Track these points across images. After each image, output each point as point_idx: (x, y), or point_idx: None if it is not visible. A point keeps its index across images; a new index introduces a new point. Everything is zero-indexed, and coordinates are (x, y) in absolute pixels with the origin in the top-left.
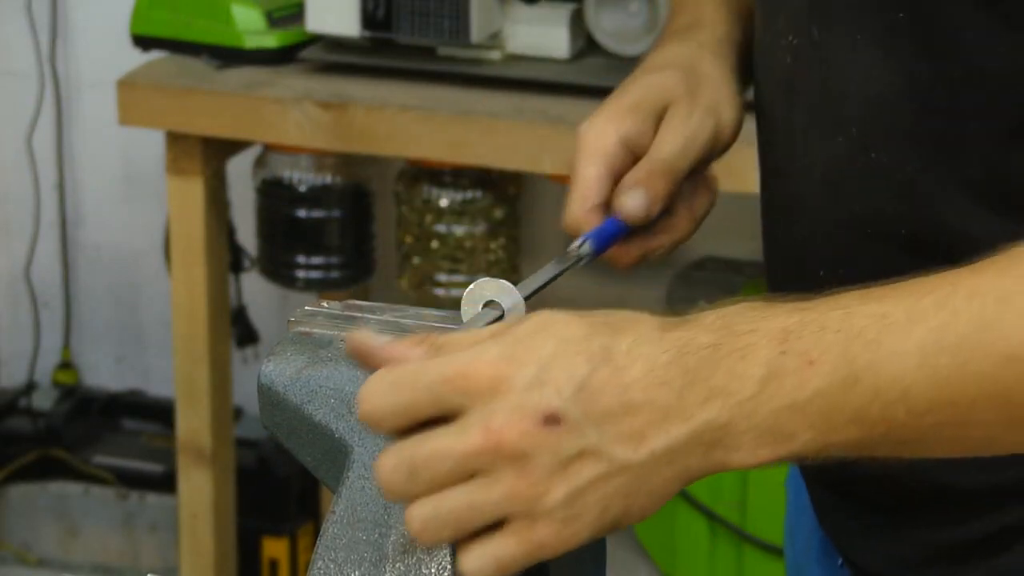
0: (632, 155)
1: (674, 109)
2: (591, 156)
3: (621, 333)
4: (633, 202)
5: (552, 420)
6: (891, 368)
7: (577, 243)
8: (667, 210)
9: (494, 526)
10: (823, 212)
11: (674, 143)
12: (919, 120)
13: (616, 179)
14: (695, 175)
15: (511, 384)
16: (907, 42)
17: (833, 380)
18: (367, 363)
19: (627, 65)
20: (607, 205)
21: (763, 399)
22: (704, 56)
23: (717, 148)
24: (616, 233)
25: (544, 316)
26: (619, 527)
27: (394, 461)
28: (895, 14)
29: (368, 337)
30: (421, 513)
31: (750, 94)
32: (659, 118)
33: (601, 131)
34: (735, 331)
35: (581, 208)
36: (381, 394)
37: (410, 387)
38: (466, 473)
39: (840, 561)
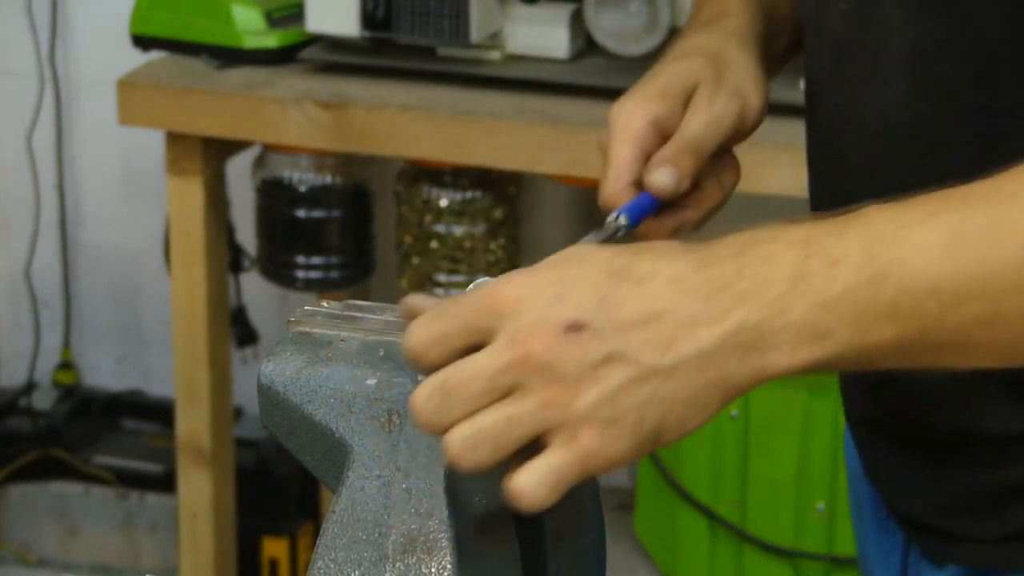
0: (661, 136)
1: (701, 92)
2: (623, 137)
3: (642, 253)
4: (663, 177)
5: (575, 327)
6: (916, 262)
7: (613, 216)
8: (697, 186)
9: (537, 450)
10: (873, 170)
11: (700, 123)
12: (958, 73)
13: (647, 158)
14: (721, 154)
15: (535, 301)
16: (935, 6)
17: (860, 277)
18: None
19: (627, 65)
20: (639, 184)
21: (793, 297)
22: (730, 43)
23: (743, 130)
24: (648, 207)
25: (570, 248)
26: (663, 440)
27: (428, 390)
28: None
29: (419, 299)
30: (459, 434)
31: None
32: (687, 101)
33: (631, 113)
34: (757, 241)
35: (615, 185)
36: (420, 327)
37: (444, 317)
38: (499, 391)
39: (887, 512)
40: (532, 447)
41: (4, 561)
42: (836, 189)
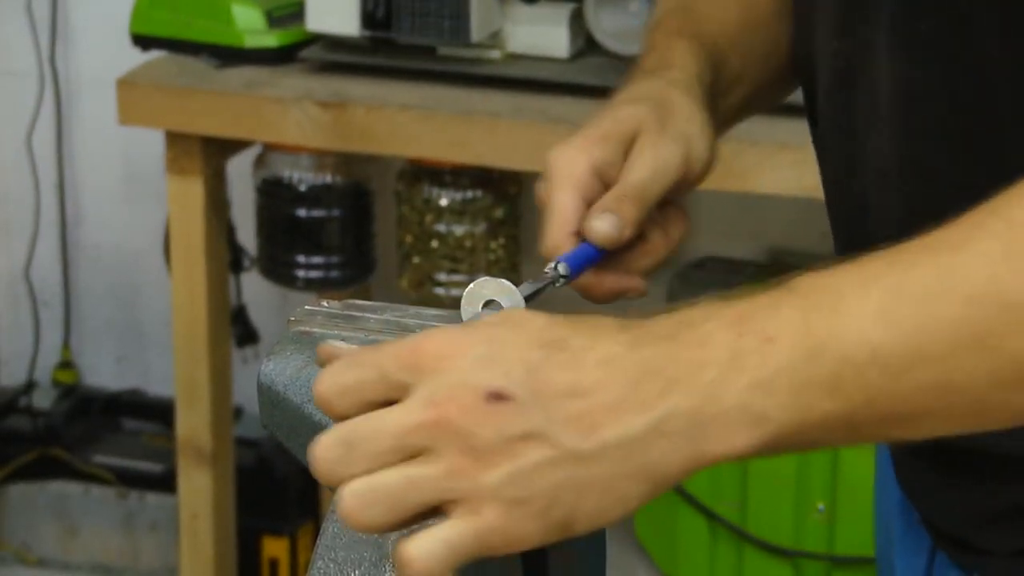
0: (602, 183)
1: (644, 138)
2: (564, 184)
3: (579, 327)
4: (604, 225)
5: (497, 397)
6: (854, 330)
7: (552, 265)
8: (641, 236)
9: (435, 518)
10: (883, 210)
11: (644, 170)
12: (951, 116)
13: (589, 206)
14: (668, 204)
15: (459, 361)
16: (935, 45)
17: (796, 353)
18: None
19: (627, 65)
20: (581, 233)
21: (727, 382)
22: (675, 91)
23: (689, 179)
24: (590, 257)
25: (510, 311)
26: (573, 528)
27: (330, 439)
28: (923, 22)
29: (336, 344)
30: (354, 488)
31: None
32: (629, 147)
33: (572, 159)
34: (691, 323)
35: (558, 235)
36: (333, 373)
37: (360, 366)
38: (406, 451)
39: (917, 518)
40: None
41: (4, 561)
42: (853, 230)
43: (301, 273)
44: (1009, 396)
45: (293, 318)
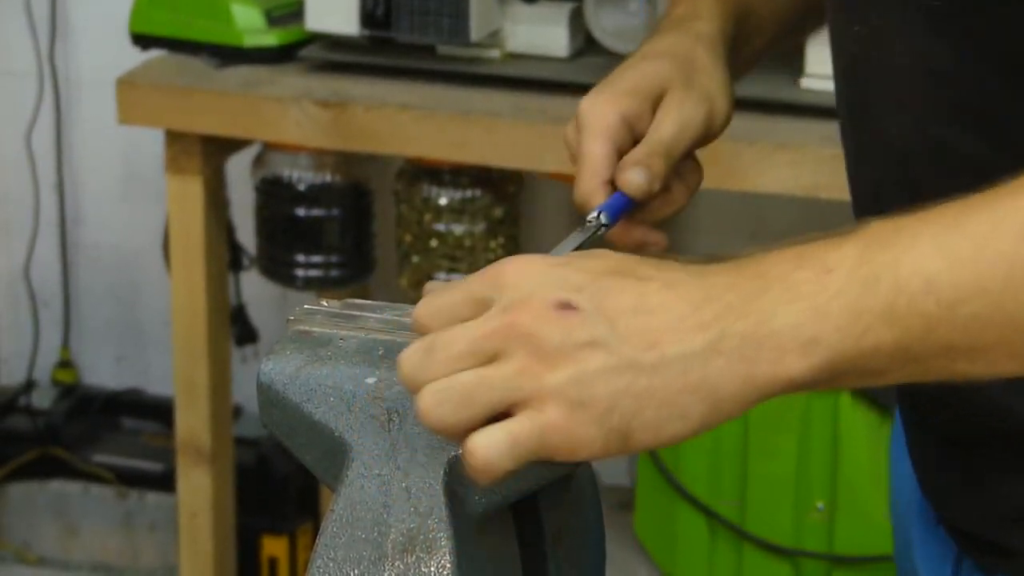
0: (631, 134)
1: (670, 95)
2: (596, 133)
3: (648, 261)
4: (637, 178)
5: (566, 307)
6: (910, 260)
7: (594, 214)
8: (664, 188)
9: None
10: (902, 194)
11: (671, 127)
12: (968, 96)
13: (620, 156)
14: (686, 157)
15: (535, 278)
16: (951, 24)
17: (852, 280)
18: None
19: None
20: (611, 182)
21: (781, 305)
22: (699, 47)
23: (710, 133)
24: (623, 207)
25: (586, 251)
26: (633, 440)
27: (415, 346)
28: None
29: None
30: (431, 387)
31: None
32: (655, 103)
33: (604, 110)
34: (752, 258)
35: (591, 183)
36: (428, 300)
37: (452, 290)
38: (482, 355)
39: (936, 520)
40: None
41: (4, 560)
42: (873, 213)
43: (300, 272)
44: None
45: (292, 317)
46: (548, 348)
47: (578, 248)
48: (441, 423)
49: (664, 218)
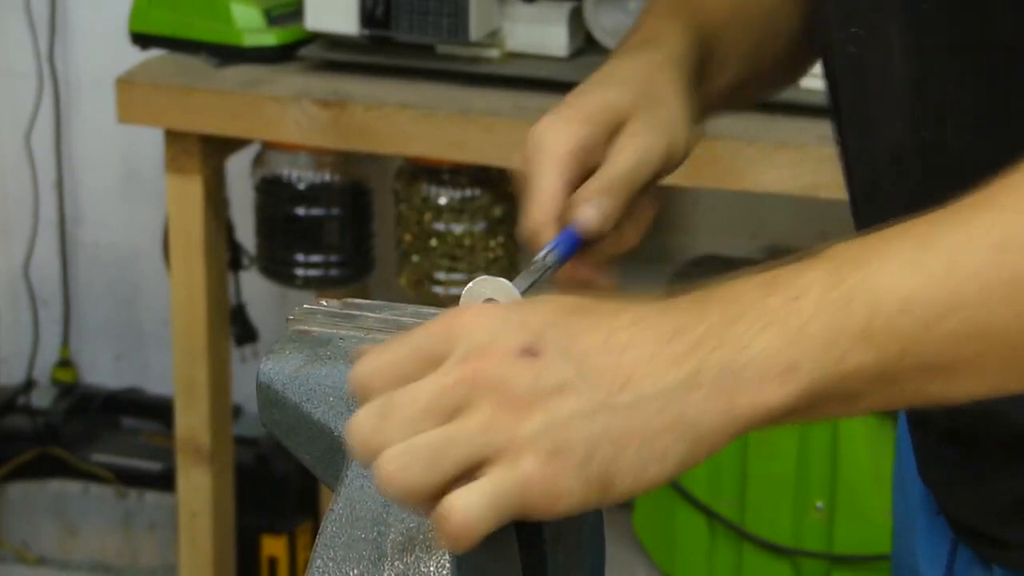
0: (584, 166)
1: (629, 126)
2: (550, 164)
3: (606, 300)
4: (591, 215)
5: (531, 351)
6: (883, 280)
7: (542, 253)
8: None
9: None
10: (897, 195)
11: (628, 160)
12: (961, 99)
13: (572, 190)
14: (642, 191)
15: (492, 324)
16: (939, 27)
17: (824, 303)
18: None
19: None
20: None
21: (756, 333)
22: (660, 74)
23: (668, 167)
24: (574, 244)
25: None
26: (615, 487)
27: (365, 412)
28: (934, 4)
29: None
30: (390, 453)
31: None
32: (612, 133)
33: (557, 139)
34: (720, 289)
35: (542, 218)
36: (367, 359)
37: (395, 346)
38: (443, 412)
39: (937, 510)
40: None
41: (3, 560)
42: (869, 214)
43: (300, 272)
44: None
45: (292, 317)
46: (516, 396)
47: (529, 288)
48: (407, 489)
49: (610, 258)
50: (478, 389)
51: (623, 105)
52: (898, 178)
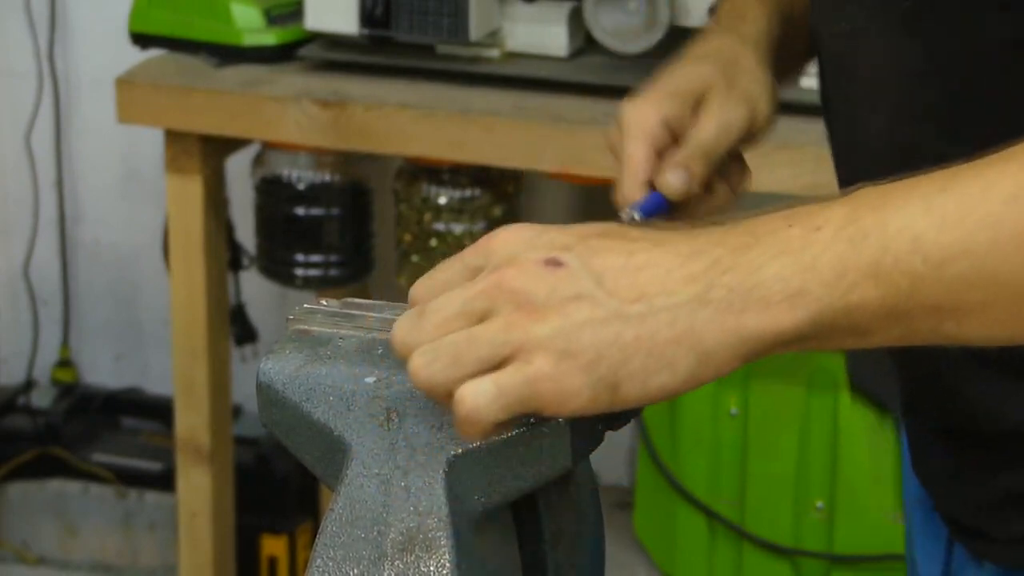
0: (672, 136)
1: (712, 97)
2: (636, 135)
3: (635, 227)
4: (675, 180)
5: (552, 263)
6: (897, 218)
7: (627, 212)
8: (707, 188)
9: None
10: None
11: (711, 129)
12: (940, 99)
13: (659, 158)
14: (731, 158)
15: (523, 241)
16: (922, 25)
17: (839, 237)
18: None
19: (626, 63)
20: (651, 183)
21: (769, 258)
22: (744, 49)
23: (752, 135)
24: (660, 207)
25: None
26: (621, 391)
27: (407, 315)
28: (912, 3)
29: None
30: (422, 350)
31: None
32: (697, 104)
33: (645, 112)
34: (744, 220)
35: (630, 184)
36: (422, 279)
37: (443, 265)
38: (471, 316)
39: (932, 505)
40: None
41: (3, 560)
42: None
43: (300, 271)
44: None
45: (292, 317)
46: (535, 302)
47: None
48: (430, 381)
49: (707, 216)
50: (502, 295)
51: (705, 78)
52: (877, 177)
